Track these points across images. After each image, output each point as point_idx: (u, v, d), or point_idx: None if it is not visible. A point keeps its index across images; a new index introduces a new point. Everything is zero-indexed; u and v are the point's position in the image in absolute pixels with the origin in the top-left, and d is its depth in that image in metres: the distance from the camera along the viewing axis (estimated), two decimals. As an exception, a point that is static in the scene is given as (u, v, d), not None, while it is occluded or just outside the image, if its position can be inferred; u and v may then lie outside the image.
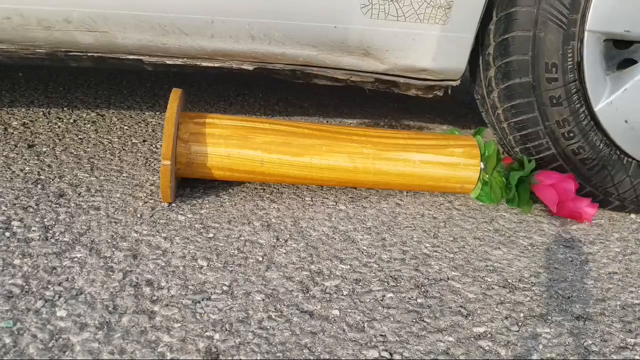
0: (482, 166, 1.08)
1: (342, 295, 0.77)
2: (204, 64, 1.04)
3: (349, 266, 0.84)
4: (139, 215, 0.93)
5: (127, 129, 1.33)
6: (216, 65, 1.04)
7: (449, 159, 1.07)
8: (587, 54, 0.98)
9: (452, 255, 0.90)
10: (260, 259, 0.84)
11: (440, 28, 0.96)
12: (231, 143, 0.99)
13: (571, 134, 1.02)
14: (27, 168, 1.06)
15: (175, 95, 0.96)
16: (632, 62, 1.01)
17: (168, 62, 1.03)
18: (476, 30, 0.98)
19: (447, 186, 1.09)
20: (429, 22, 0.96)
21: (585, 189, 1.07)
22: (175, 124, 0.93)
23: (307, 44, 0.98)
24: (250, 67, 1.03)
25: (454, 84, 1.04)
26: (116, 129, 1.32)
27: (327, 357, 0.65)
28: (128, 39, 0.97)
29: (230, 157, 0.99)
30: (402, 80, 1.04)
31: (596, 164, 1.03)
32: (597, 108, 1.00)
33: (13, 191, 0.96)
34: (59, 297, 0.70)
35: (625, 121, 1.01)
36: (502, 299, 0.79)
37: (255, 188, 1.08)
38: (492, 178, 1.08)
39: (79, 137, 1.25)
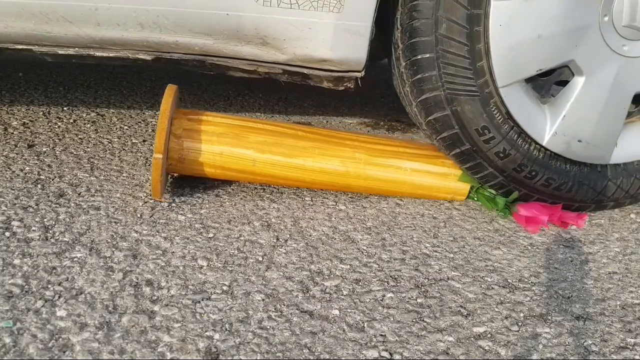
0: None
1: (342, 295, 0.77)
2: (97, 53, 1.00)
3: (349, 266, 0.84)
4: (138, 215, 0.93)
5: (127, 129, 1.33)
6: (111, 55, 1.00)
7: (440, 169, 1.07)
8: (511, 103, 0.97)
9: (452, 255, 0.90)
10: (260, 259, 0.84)
11: (335, 16, 0.93)
12: (224, 141, 0.99)
13: (534, 173, 1.02)
14: (27, 168, 1.06)
15: (170, 91, 0.96)
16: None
17: (60, 52, 0.99)
18: (373, 18, 0.94)
19: (439, 196, 1.10)
20: (323, 10, 0.93)
21: (573, 206, 1.07)
22: (169, 119, 0.93)
23: (201, 32, 0.95)
24: (149, 57, 1.00)
25: (358, 75, 1.01)
26: (116, 129, 1.32)
27: (327, 357, 0.65)
28: (11, 27, 0.93)
29: (223, 155, 0.99)
30: (306, 71, 1.01)
31: (572, 184, 1.04)
32: (545, 142, 1.00)
33: (13, 191, 0.96)
34: (59, 297, 0.70)
35: (579, 141, 1.01)
36: (502, 299, 0.79)
37: (255, 188, 1.08)
38: (479, 195, 1.09)
39: (79, 137, 1.25)
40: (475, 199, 1.10)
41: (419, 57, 0.95)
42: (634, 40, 0.96)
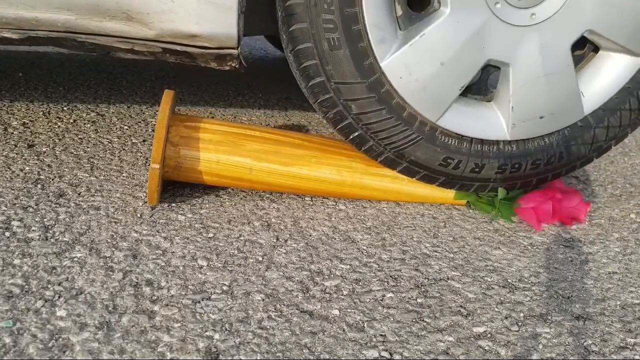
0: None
1: (342, 295, 0.77)
2: None
3: (348, 266, 0.84)
4: (138, 215, 0.93)
5: (127, 129, 1.33)
6: None
7: None
8: (451, 122, 0.98)
9: (452, 255, 0.90)
10: (260, 259, 0.84)
11: None
12: (221, 149, 0.99)
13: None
14: (27, 168, 1.06)
15: (167, 98, 0.95)
16: None
17: None
18: None
19: (437, 203, 1.10)
20: None
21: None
22: (166, 128, 0.92)
23: (60, 7, 0.89)
24: (15, 36, 0.94)
25: (234, 52, 0.97)
26: (116, 129, 1.32)
27: (327, 357, 0.65)
28: None
29: (220, 162, 0.99)
30: (180, 48, 0.97)
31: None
32: (510, 136, 1.00)
33: (13, 191, 0.96)
34: (59, 297, 0.70)
35: (541, 117, 1.00)
36: (502, 298, 0.79)
37: (255, 188, 1.08)
38: (478, 204, 1.09)
39: (79, 137, 1.25)
40: (473, 208, 1.10)
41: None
42: (526, 7, 0.94)
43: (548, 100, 0.99)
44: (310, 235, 0.92)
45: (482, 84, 1.02)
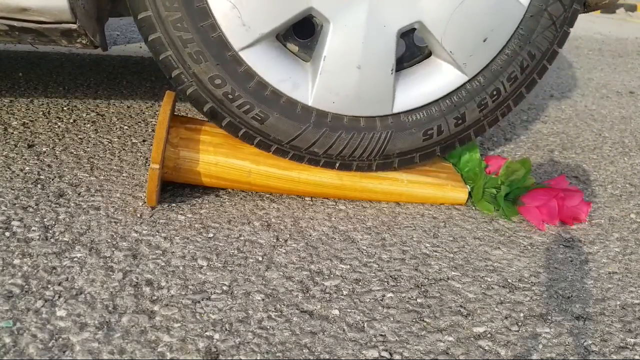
0: (469, 189, 1.09)
1: (342, 295, 0.77)
2: None
3: (348, 266, 0.84)
4: (138, 215, 0.93)
5: (127, 129, 1.33)
6: None
7: (436, 180, 1.08)
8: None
9: (452, 255, 0.90)
10: (260, 258, 0.84)
11: None
12: (220, 151, 0.99)
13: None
14: (27, 168, 1.06)
15: (168, 99, 0.96)
16: None
17: None
18: None
19: (437, 204, 1.10)
20: None
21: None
22: (166, 129, 0.92)
23: None
24: None
25: (73, 26, 0.93)
26: (116, 129, 1.32)
27: (327, 357, 0.65)
28: None
29: (218, 165, 0.98)
30: (18, 24, 0.92)
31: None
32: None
33: (13, 191, 0.96)
34: (59, 297, 0.70)
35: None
36: (502, 298, 0.79)
37: (255, 188, 1.08)
38: (480, 204, 1.09)
39: (79, 137, 1.25)
40: (475, 207, 1.10)
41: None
42: None
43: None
44: (310, 235, 0.92)
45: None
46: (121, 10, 1.21)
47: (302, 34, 0.96)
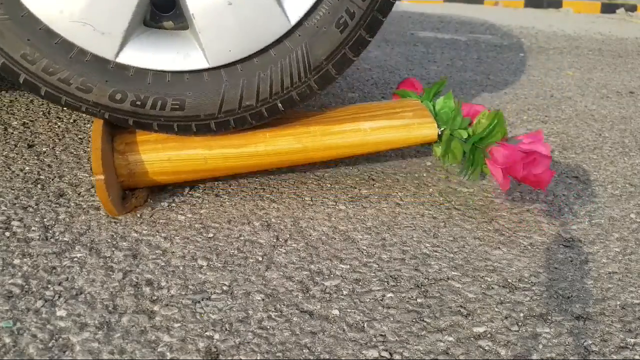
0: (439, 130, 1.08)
1: (342, 295, 0.77)
2: None
3: (348, 266, 0.84)
4: (138, 215, 0.93)
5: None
6: None
7: (401, 122, 1.06)
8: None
9: (452, 255, 0.90)
10: (260, 258, 0.84)
11: None
12: (169, 146, 0.96)
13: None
14: (27, 168, 1.06)
15: None
16: None
17: None
18: None
19: (407, 146, 1.09)
20: None
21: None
22: (102, 136, 0.90)
23: None
24: None
25: None
26: (116, 129, 1.32)
27: (327, 357, 0.65)
28: None
29: (171, 160, 0.96)
30: None
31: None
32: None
33: (13, 191, 0.96)
34: (59, 297, 0.70)
35: None
36: (502, 298, 0.79)
37: (255, 188, 1.08)
38: (452, 141, 1.07)
39: (79, 137, 1.25)
40: (447, 161, 1.09)
41: None
42: None
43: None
44: (310, 235, 0.92)
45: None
46: None
47: (166, 9, 0.93)
